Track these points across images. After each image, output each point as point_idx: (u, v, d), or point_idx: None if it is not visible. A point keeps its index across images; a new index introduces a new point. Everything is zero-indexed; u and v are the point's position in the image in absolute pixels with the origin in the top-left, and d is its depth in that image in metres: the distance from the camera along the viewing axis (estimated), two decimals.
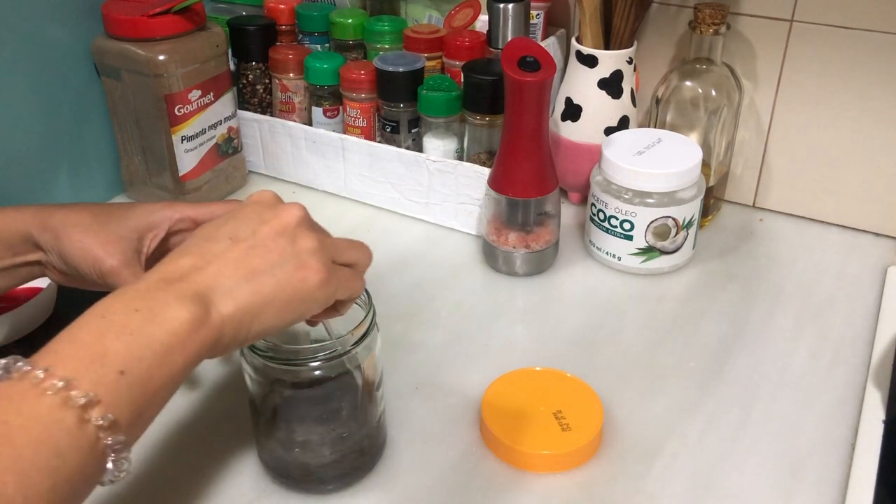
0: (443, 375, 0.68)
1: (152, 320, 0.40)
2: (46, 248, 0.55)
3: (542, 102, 0.73)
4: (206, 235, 0.46)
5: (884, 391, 0.64)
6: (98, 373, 0.37)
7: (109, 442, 0.36)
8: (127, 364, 0.38)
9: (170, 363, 0.39)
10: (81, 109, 0.89)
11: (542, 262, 0.80)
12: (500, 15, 0.84)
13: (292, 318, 0.46)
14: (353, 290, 0.50)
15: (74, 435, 0.35)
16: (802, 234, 0.87)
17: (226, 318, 0.42)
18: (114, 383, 0.37)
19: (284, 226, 0.47)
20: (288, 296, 0.45)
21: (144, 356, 0.38)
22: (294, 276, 0.45)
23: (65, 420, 0.35)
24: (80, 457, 0.35)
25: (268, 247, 0.45)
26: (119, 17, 0.80)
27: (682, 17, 0.88)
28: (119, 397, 0.37)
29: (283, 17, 0.97)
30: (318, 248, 0.47)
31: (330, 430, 0.55)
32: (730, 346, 0.71)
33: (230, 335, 0.43)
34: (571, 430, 0.60)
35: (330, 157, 0.92)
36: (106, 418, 0.36)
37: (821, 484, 0.58)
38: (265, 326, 0.45)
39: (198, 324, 0.41)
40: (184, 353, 0.40)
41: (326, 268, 0.47)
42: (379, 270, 0.81)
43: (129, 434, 0.38)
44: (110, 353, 0.38)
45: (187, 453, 0.61)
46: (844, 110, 0.83)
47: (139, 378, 0.38)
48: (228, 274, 0.44)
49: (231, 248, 0.45)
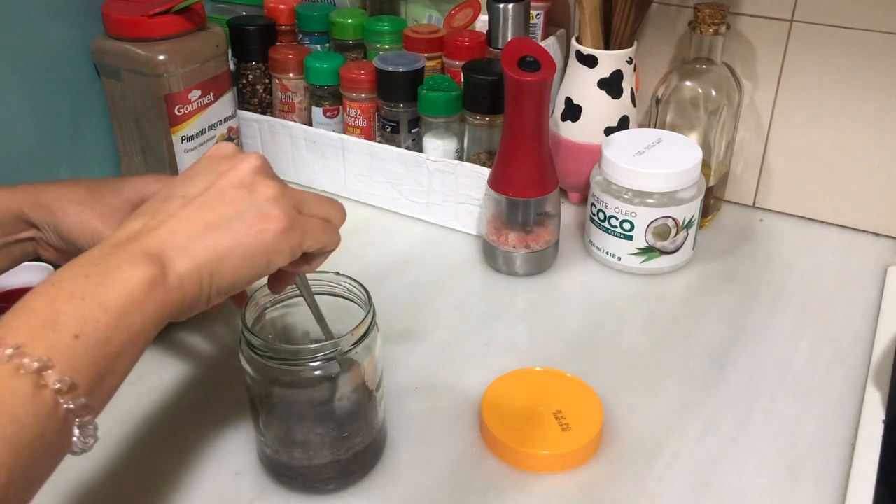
0: (443, 375, 0.68)
1: (104, 283, 0.39)
2: (41, 225, 0.55)
3: (542, 102, 0.73)
4: (162, 196, 0.45)
5: (884, 391, 0.64)
6: (51, 338, 0.36)
7: (71, 406, 0.36)
8: (81, 327, 0.37)
9: (127, 325, 0.39)
10: (81, 109, 0.89)
11: (542, 262, 0.80)
12: (500, 15, 0.84)
13: (256, 271, 0.44)
14: (323, 241, 0.48)
15: (31, 401, 0.34)
16: (802, 234, 0.87)
17: (183, 276, 0.41)
18: (68, 347, 0.36)
19: (241, 176, 0.45)
20: (247, 248, 0.43)
21: (99, 318, 0.38)
22: (253, 226, 0.44)
23: (19, 387, 0.34)
24: (40, 423, 0.35)
25: (223, 199, 0.44)
26: (119, 17, 0.80)
27: (682, 17, 0.88)
28: (75, 360, 0.36)
29: (283, 17, 0.97)
30: (278, 195, 0.45)
31: (330, 430, 0.55)
32: (730, 346, 0.71)
33: (192, 292, 0.42)
34: (571, 430, 0.60)
35: (330, 157, 0.92)
36: (63, 381, 0.35)
37: (821, 484, 0.58)
38: (228, 281, 0.43)
39: (152, 283, 0.40)
40: (141, 314, 0.39)
41: (288, 216, 0.45)
42: (379, 270, 0.81)
43: (92, 399, 0.37)
44: (62, 317, 0.37)
45: (187, 453, 0.61)
46: (844, 110, 0.83)
47: (96, 340, 0.37)
48: (181, 231, 0.43)
49: (185, 204, 0.44)
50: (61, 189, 0.55)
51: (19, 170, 0.84)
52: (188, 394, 0.66)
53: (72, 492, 0.57)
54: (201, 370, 0.68)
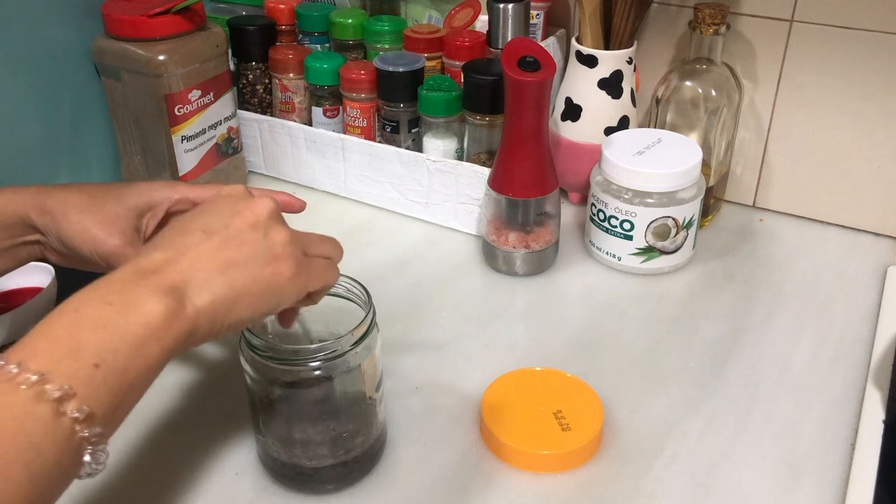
0: (443, 375, 0.68)
1: (126, 313, 0.40)
2: (45, 231, 0.55)
3: (542, 102, 0.73)
4: (180, 229, 0.46)
5: (884, 391, 0.64)
6: (73, 366, 0.37)
7: (86, 434, 0.36)
8: (101, 357, 0.38)
9: (145, 355, 0.40)
10: (81, 109, 0.89)
11: (542, 262, 0.80)
12: (500, 15, 0.84)
13: (266, 310, 0.46)
14: (326, 280, 0.50)
15: (50, 428, 0.35)
16: (802, 234, 0.87)
17: (200, 311, 0.43)
18: (89, 376, 0.37)
19: (257, 218, 0.47)
20: (261, 288, 0.45)
21: (119, 349, 0.38)
22: (266, 268, 0.46)
23: (40, 414, 0.35)
24: (57, 450, 0.35)
25: (241, 239, 0.46)
26: (119, 17, 0.80)
27: (682, 17, 0.88)
28: (95, 390, 0.37)
29: (283, 17, 0.97)
30: (289, 240, 0.47)
31: (330, 429, 0.55)
32: (730, 346, 0.71)
33: (205, 327, 0.43)
34: (571, 430, 0.60)
35: (330, 157, 0.92)
36: (82, 410, 0.36)
37: (821, 484, 0.58)
38: (239, 318, 0.45)
39: (172, 316, 0.41)
40: (159, 345, 0.40)
41: (297, 261, 0.47)
42: (379, 270, 0.81)
43: (106, 426, 0.38)
44: (84, 346, 0.38)
45: (187, 453, 0.61)
46: (844, 110, 0.83)
47: (114, 370, 0.38)
48: (202, 266, 0.44)
49: (204, 240, 0.45)
50: (66, 195, 0.55)
51: (20, 169, 0.84)
52: (188, 394, 0.66)
53: (72, 492, 0.57)
54: (201, 370, 0.68)
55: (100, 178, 0.92)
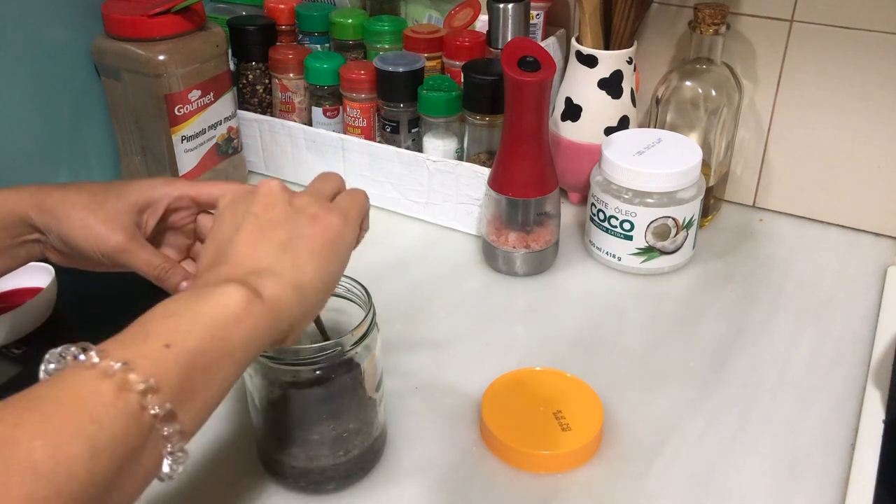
0: (443, 375, 0.68)
1: (200, 302, 0.39)
2: (45, 230, 0.54)
3: (542, 102, 0.73)
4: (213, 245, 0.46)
5: (884, 391, 0.64)
6: (140, 346, 0.36)
7: (156, 412, 0.35)
8: (172, 337, 0.37)
9: (223, 337, 0.39)
10: (81, 109, 0.89)
11: (542, 262, 0.80)
12: (500, 15, 0.84)
13: (340, 262, 0.47)
14: (361, 203, 0.51)
15: (112, 402, 0.34)
16: (802, 234, 0.87)
17: (282, 291, 0.42)
18: (156, 353, 0.36)
19: (273, 198, 0.47)
20: (322, 245, 0.46)
21: (192, 330, 0.38)
22: (316, 227, 0.46)
23: (101, 389, 0.34)
24: (120, 424, 0.34)
25: (273, 219, 0.46)
26: (119, 17, 0.80)
27: (682, 17, 0.88)
28: (162, 367, 0.36)
29: (283, 17, 0.97)
30: (313, 198, 0.48)
31: (330, 430, 0.55)
32: (730, 346, 0.71)
33: (294, 304, 0.43)
34: (571, 430, 0.60)
35: (330, 157, 0.92)
36: (147, 383, 0.35)
37: (821, 484, 0.58)
38: (325, 281, 0.45)
39: (250, 301, 0.40)
40: (239, 329, 0.39)
41: (332, 208, 0.48)
42: (379, 270, 0.81)
43: (180, 408, 0.36)
44: (153, 331, 0.37)
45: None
46: (844, 110, 0.83)
47: (187, 351, 0.37)
48: (260, 254, 0.44)
49: (239, 236, 0.45)
50: (66, 193, 0.55)
51: (20, 169, 0.84)
52: None
53: None
54: None
55: (100, 177, 0.92)
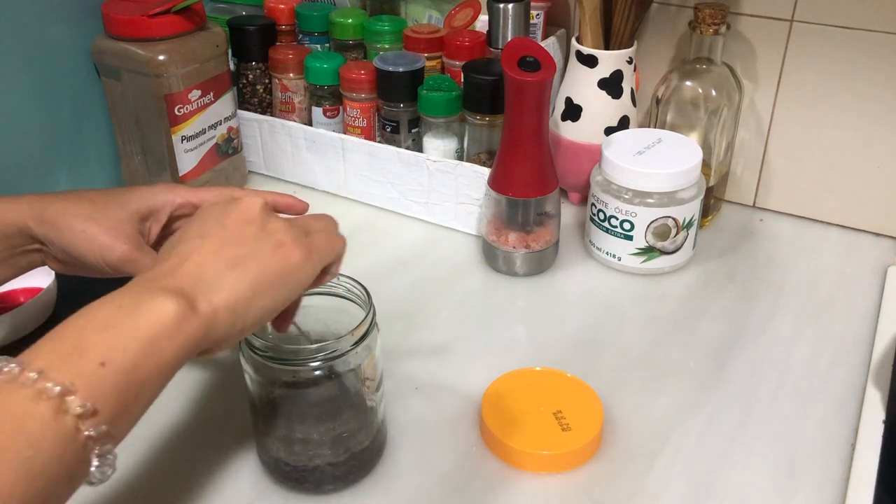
0: (443, 375, 0.68)
1: (135, 314, 0.39)
2: (46, 241, 0.54)
3: (542, 102, 0.73)
4: (175, 241, 0.46)
5: (884, 391, 0.64)
6: (77, 364, 0.36)
7: (91, 433, 0.35)
8: (108, 355, 0.37)
9: (157, 353, 0.39)
10: (81, 109, 0.89)
11: (542, 262, 0.80)
12: (500, 15, 0.84)
13: (286, 295, 0.46)
14: (335, 248, 0.50)
15: (49, 426, 0.34)
16: (802, 234, 0.87)
17: (217, 308, 0.42)
18: (93, 374, 0.36)
19: (249, 214, 0.47)
20: (274, 276, 0.45)
21: (128, 347, 0.38)
22: (274, 256, 0.46)
23: (38, 411, 0.34)
24: (57, 448, 0.34)
25: (240, 235, 0.46)
26: (119, 17, 0.80)
27: (682, 17, 0.88)
28: (99, 388, 0.36)
29: (283, 17, 0.97)
30: (286, 226, 0.48)
31: (330, 430, 0.55)
32: (730, 346, 0.71)
33: (225, 323, 0.43)
34: (571, 430, 0.60)
35: (330, 157, 0.92)
36: (84, 407, 0.35)
37: (821, 484, 0.58)
38: (262, 309, 0.45)
39: (184, 314, 0.40)
40: (172, 344, 0.40)
41: (301, 241, 0.47)
42: (379, 270, 0.81)
43: (114, 427, 0.37)
44: (90, 345, 0.37)
45: (187, 453, 0.61)
46: (844, 110, 0.83)
47: (123, 368, 0.37)
48: (209, 266, 0.44)
49: (203, 243, 0.45)
50: (67, 204, 0.54)
51: (20, 169, 0.84)
52: (188, 394, 0.66)
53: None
54: (201, 370, 0.68)
55: (100, 177, 0.92)
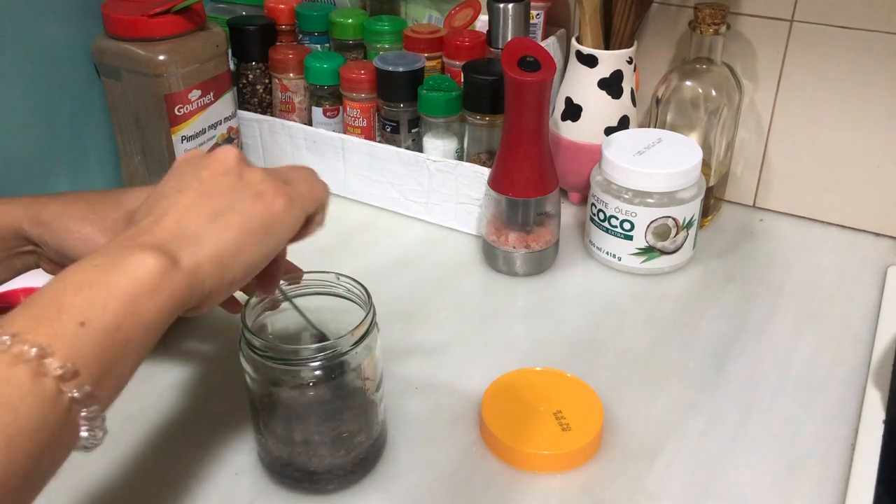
0: (443, 375, 0.68)
1: (114, 272, 0.38)
2: (41, 243, 0.54)
3: (542, 102, 0.73)
4: (155, 197, 0.45)
5: (884, 391, 0.64)
6: (54, 326, 0.35)
7: (75, 395, 0.34)
8: (87, 314, 0.36)
9: (139, 311, 0.38)
10: (81, 109, 0.89)
11: (542, 262, 0.80)
12: (500, 15, 0.84)
13: (271, 247, 0.46)
14: (317, 195, 0.50)
15: (28, 389, 0.33)
16: (802, 234, 0.87)
17: (201, 261, 0.42)
18: (72, 334, 0.35)
19: (226, 166, 0.46)
20: (257, 225, 0.45)
21: (108, 306, 0.37)
22: (256, 205, 0.45)
23: (15, 375, 0.33)
24: (38, 412, 0.33)
25: (218, 187, 0.45)
26: (119, 17, 0.80)
27: (682, 17, 0.88)
28: (80, 348, 0.35)
29: (283, 17, 0.97)
30: (265, 176, 0.47)
31: (330, 430, 0.55)
32: (730, 346, 0.71)
33: (212, 277, 0.42)
34: (571, 430, 0.60)
35: (330, 157, 0.92)
36: (65, 368, 0.34)
37: (821, 484, 0.58)
38: (249, 260, 0.44)
39: (166, 269, 0.40)
40: (155, 301, 0.39)
41: (283, 189, 0.46)
42: (379, 270, 0.81)
43: (99, 388, 0.36)
44: (68, 306, 0.36)
45: (187, 453, 0.61)
46: (844, 110, 0.83)
47: (104, 328, 0.36)
48: (189, 220, 0.43)
49: (180, 198, 0.44)
50: (62, 205, 0.54)
51: (19, 170, 0.84)
52: (188, 394, 0.66)
53: (70, 492, 0.57)
54: (201, 371, 0.68)
55: (100, 178, 0.92)
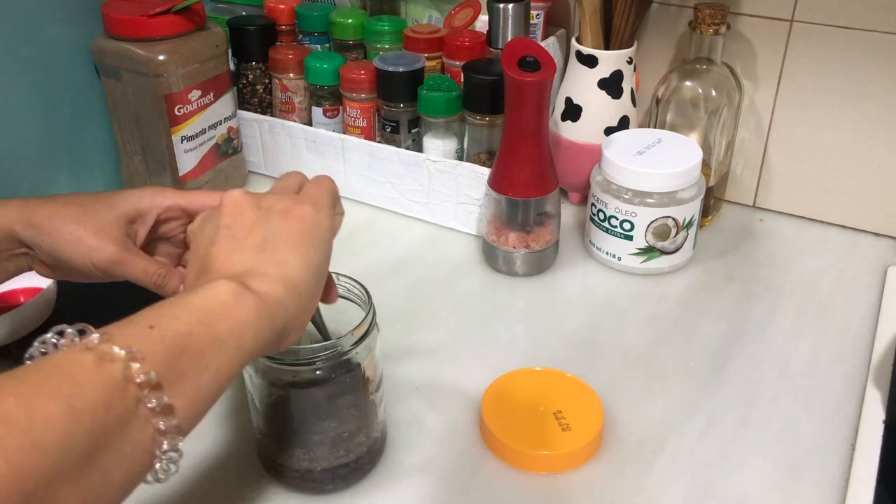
0: (443, 375, 0.68)
1: (187, 295, 0.40)
2: (32, 245, 0.54)
3: (542, 102, 0.73)
4: (191, 265, 0.47)
5: (884, 391, 0.64)
6: (122, 329, 0.36)
7: (140, 380, 0.34)
8: (157, 321, 0.37)
9: (212, 322, 0.38)
10: (81, 109, 0.89)
11: (542, 262, 0.80)
12: (500, 15, 0.84)
13: (323, 250, 0.47)
14: (330, 188, 0.51)
15: (93, 370, 0.34)
16: (802, 234, 0.87)
17: (271, 287, 0.42)
18: (140, 332, 0.36)
19: (239, 206, 0.47)
20: (301, 235, 0.46)
21: (178, 315, 0.38)
22: (288, 222, 0.46)
23: (81, 359, 0.34)
24: (102, 390, 0.33)
25: (243, 224, 0.46)
26: (119, 17, 0.80)
27: (682, 17, 0.88)
28: (146, 343, 0.36)
29: (283, 17, 0.97)
30: (278, 196, 0.48)
31: (330, 430, 0.55)
32: (730, 346, 0.71)
33: (289, 298, 0.43)
34: (571, 430, 0.60)
35: (330, 157, 0.92)
36: (129, 350, 0.34)
37: (821, 484, 0.58)
38: (312, 271, 0.45)
39: (239, 291, 0.40)
40: (229, 318, 0.39)
41: (300, 199, 0.48)
42: (379, 270, 0.81)
43: (173, 394, 0.36)
44: (139, 318, 0.37)
45: (187, 453, 0.60)
46: (844, 110, 0.83)
47: (174, 332, 0.37)
48: (239, 261, 0.44)
49: (215, 248, 0.45)
50: (54, 207, 0.54)
51: (19, 170, 0.84)
52: None
53: None
54: None
55: (100, 177, 0.92)
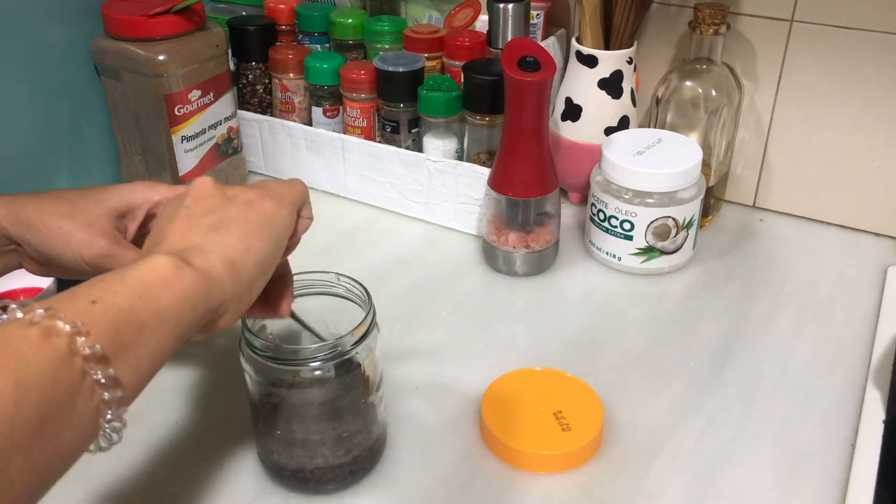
0: (443, 375, 0.68)
1: (126, 271, 0.40)
2: (20, 241, 0.54)
3: (542, 102, 0.73)
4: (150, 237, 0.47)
5: (884, 391, 0.64)
6: (65, 303, 0.36)
7: (86, 353, 0.35)
8: (99, 296, 0.37)
9: (151, 297, 0.39)
10: (81, 109, 0.89)
11: (542, 262, 0.80)
12: (500, 15, 0.84)
13: (275, 242, 0.47)
14: (300, 190, 0.52)
15: (38, 345, 0.34)
16: (802, 234, 0.87)
17: (212, 263, 0.43)
18: (83, 307, 0.36)
19: (205, 191, 0.48)
20: (256, 225, 0.46)
21: (119, 290, 0.38)
22: (248, 210, 0.47)
23: (26, 335, 0.34)
24: (49, 365, 0.34)
25: (206, 208, 0.47)
26: (119, 17, 0.80)
27: (682, 17, 0.88)
28: (89, 318, 0.36)
29: (283, 17, 0.97)
30: (245, 188, 0.49)
31: (330, 430, 0.55)
32: (730, 346, 0.71)
33: (228, 278, 0.43)
34: (571, 430, 0.60)
35: (330, 157, 0.92)
36: (74, 326, 0.35)
37: (821, 484, 0.58)
38: (258, 258, 0.46)
39: (178, 266, 0.41)
40: (168, 292, 0.40)
41: (267, 194, 0.48)
42: (379, 270, 0.81)
43: (118, 366, 0.36)
44: (80, 292, 0.37)
45: (187, 453, 0.61)
46: (844, 110, 0.83)
47: (117, 307, 0.37)
48: (189, 237, 0.45)
49: (174, 224, 0.46)
50: (43, 203, 0.54)
51: (19, 170, 0.84)
52: (188, 394, 0.66)
53: (70, 492, 0.57)
54: (202, 371, 0.68)
55: (100, 178, 0.92)
